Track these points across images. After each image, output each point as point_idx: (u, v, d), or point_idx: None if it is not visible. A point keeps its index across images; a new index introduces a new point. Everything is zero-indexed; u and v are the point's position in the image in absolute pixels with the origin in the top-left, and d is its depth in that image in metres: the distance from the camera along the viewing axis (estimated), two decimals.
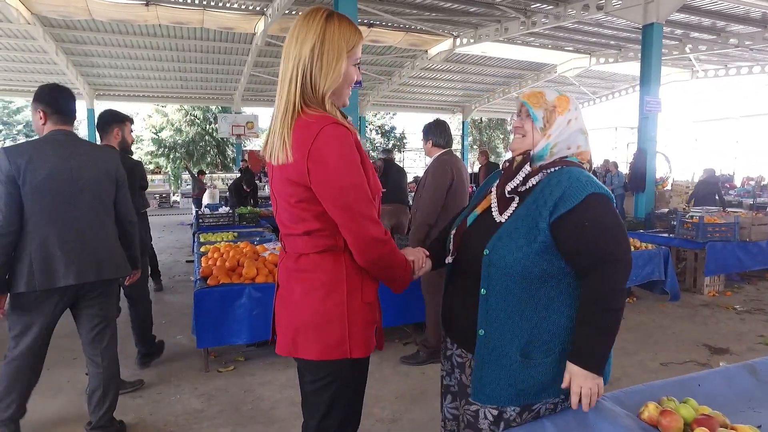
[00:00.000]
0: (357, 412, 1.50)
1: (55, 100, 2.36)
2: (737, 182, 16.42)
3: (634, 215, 9.28)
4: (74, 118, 2.48)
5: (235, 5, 10.43)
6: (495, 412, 1.43)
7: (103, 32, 11.63)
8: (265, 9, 10.51)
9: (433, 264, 1.68)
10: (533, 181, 1.44)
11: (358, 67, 1.41)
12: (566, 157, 1.48)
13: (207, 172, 19.81)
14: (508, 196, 1.46)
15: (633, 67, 13.38)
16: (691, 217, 5.50)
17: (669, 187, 10.95)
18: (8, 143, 28.37)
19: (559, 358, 1.39)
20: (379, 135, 30.16)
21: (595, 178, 1.43)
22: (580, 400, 1.35)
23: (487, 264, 1.40)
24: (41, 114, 2.35)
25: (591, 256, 1.33)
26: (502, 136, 31.64)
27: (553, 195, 1.35)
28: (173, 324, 4.53)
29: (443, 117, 26.90)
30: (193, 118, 26.13)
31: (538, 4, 10.26)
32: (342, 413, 1.42)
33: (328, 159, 1.25)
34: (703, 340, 3.99)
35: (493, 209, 1.49)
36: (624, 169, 14.57)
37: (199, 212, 6.71)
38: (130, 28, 11.44)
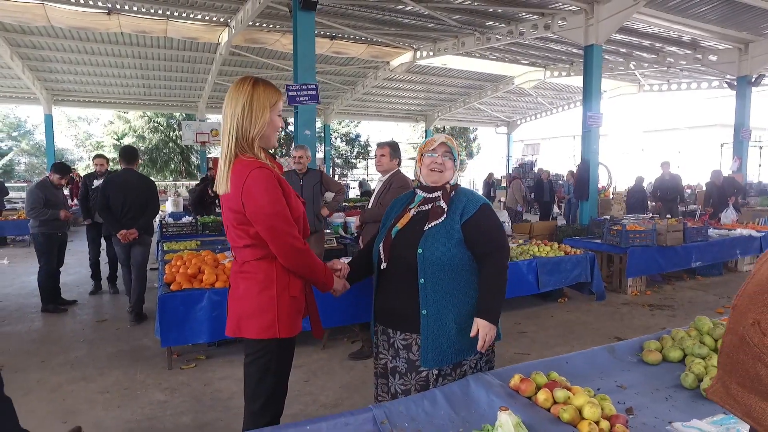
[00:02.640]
0: (284, 383, 1.93)
1: None
2: None
3: (579, 222, 9.98)
4: None
5: (199, 16, 10.62)
6: (436, 372, 1.94)
7: (62, 38, 11.58)
8: (228, 20, 10.75)
9: (357, 275, 2.21)
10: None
11: (280, 116, 1.89)
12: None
13: (172, 179, 19.71)
14: (439, 210, 1.99)
15: None
16: (617, 224, 6.12)
17: (611, 196, 11.80)
18: None
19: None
20: (344, 143, 30.51)
21: (478, 193, 2.14)
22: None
23: (422, 259, 1.91)
24: None
25: (486, 244, 1.96)
26: (464, 144, 32.56)
27: (459, 207, 1.99)
28: (139, 327, 4.79)
29: (406, 125, 27.44)
30: (156, 124, 25.82)
31: (491, 23, 10.92)
32: (271, 382, 1.85)
33: (255, 195, 1.72)
34: (616, 334, 4.54)
35: (434, 222, 1.97)
36: None
37: (163, 221, 6.92)
38: (91, 35, 11.44)
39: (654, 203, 10.17)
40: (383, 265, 2.04)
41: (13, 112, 30.54)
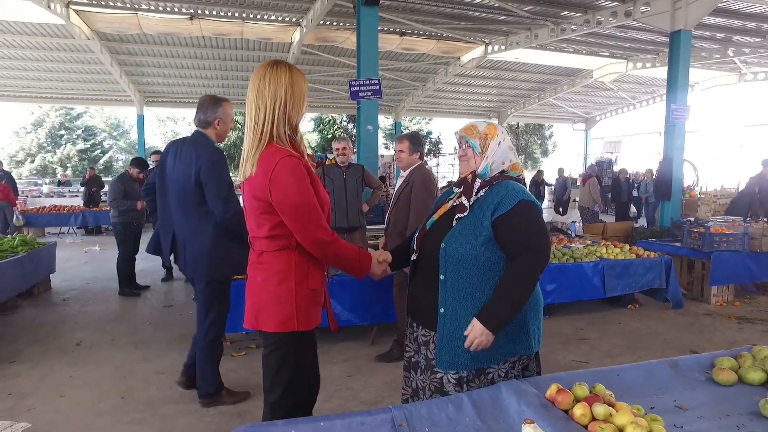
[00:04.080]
0: (303, 375, 1.87)
1: None
2: None
3: (659, 223, 9.19)
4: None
5: (273, 17, 11.03)
6: (456, 377, 1.78)
7: (152, 44, 12.56)
8: (300, 20, 11.05)
9: (398, 262, 2.11)
10: (481, 192, 1.86)
11: None
12: (504, 171, 1.89)
13: None
14: (467, 204, 1.85)
15: None
16: (700, 226, 5.52)
17: (698, 196, 10.74)
18: (69, 147, 30.40)
19: (504, 330, 1.74)
20: None
21: (525, 188, 1.86)
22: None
23: (443, 255, 1.78)
24: None
25: (517, 245, 1.74)
26: (539, 141, 31.30)
27: (494, 201, 1.79)
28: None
29: (480, 122, 26.92)
30: (234, 122, 27.25)
31: (566, 12, 10.33)
32: (289, 373, 1.81)
33: (284, 183, 1.66)
34: (692, 347, 4.07)
35: (459, 215, 1.84)
36: None
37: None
38: (176, 40, 12.30)
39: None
40: (413, 257, 1.95)
41: (114, 113, 33.73)
